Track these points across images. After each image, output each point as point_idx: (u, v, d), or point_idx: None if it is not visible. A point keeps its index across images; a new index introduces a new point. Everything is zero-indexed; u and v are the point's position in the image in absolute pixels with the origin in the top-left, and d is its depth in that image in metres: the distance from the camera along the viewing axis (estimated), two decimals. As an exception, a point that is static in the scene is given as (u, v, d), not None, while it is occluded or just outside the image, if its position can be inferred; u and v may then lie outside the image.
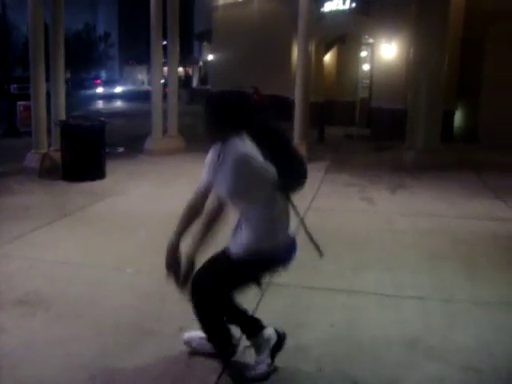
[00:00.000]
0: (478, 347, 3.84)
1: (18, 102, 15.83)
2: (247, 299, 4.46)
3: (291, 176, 3.16)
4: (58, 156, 9.80)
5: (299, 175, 3.22)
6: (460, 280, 5.12)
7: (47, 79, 10.28)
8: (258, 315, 4.26)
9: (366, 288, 4.90)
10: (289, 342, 3.54)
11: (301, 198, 3.42)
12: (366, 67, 18.68)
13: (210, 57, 30.61)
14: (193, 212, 3.32)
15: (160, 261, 3.32)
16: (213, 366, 3.54)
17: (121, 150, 12.98)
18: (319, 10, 17.37)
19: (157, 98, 12.48)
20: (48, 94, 10.33)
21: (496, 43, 13.96)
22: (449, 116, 14.42)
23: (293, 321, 4.17)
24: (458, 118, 15.57)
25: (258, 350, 3.44)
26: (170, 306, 4.44)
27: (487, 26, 14.15)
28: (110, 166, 9.97)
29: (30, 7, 9.84)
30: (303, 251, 3.37)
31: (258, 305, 4.35)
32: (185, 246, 3.27)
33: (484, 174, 10.28)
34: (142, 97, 32.91)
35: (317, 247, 3.32)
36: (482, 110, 14.71)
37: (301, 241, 3.35)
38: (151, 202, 8.22)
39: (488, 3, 14.09)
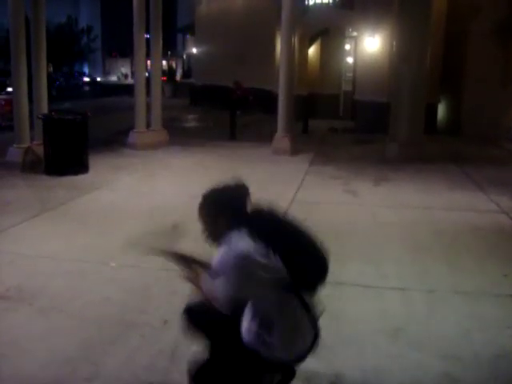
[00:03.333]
0: (458, 336, 3.90)
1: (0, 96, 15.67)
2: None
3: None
4: (40, 150, 9.72)
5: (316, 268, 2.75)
6: (442, 271, 5.18)
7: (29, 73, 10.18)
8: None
9: (350, 279, 4.92)
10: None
11: (285, 191, 3.41)
12: (349, 60, 18.71)
13: (194, 50, 30.47)
14: None
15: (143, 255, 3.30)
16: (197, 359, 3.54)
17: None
18: (303, 2, 17.40)
19: (140, 91, 12.41)
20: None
21: (478, 37, 14.04)
22: (432, 109, 14.49)
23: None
24: (441, 110, 15.67)
25: None
26: (154, 299, 4.45)
27: (470, 21, 14.22)
28: (93, 160, 9.90)
29: (10, 0, 9.72)
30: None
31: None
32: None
33: (466, 166, 10.36)
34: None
35: None
36: (464, 103, 14.81)
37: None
38: (135, 195, 8.19)
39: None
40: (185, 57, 43.72)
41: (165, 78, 32.29)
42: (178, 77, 44.76)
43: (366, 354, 3.66)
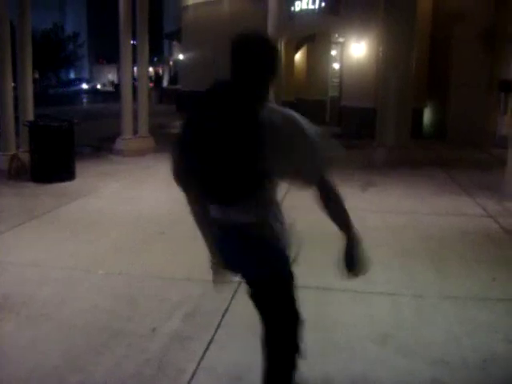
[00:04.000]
0: (447, 340, 3.90)
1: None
2: (221, 297, 4.46)
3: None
4: (26, 157, 9.67)
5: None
6: (430, 276, 5.19)
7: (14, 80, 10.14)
8: (230, 312, 4.28)
9: (338, 285, 4.90)
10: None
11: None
12: (336, 66, 18.79)
13: (180, 56, 30.48)
14: None
15: (131, 262, 3.28)
16: (184, 367, 3.53)
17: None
18: (289, 9, 17.45)
19: (127, 98, 12.39)
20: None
21: (464, 43, 14.16)
22: (418, 113, 14.59)
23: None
24: (428, 115, 15.77)
25: None
26: (141, 307, 4.42)
27: (455, 26, 14.34)
28: (80, 167, 9.86)
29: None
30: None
31: (230, 302, 4.35)
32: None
33: (453, 171, 10.43)
34: None
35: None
36: (450, 108, 14.92)
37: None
38: (122, 202, 8.15)
39: (454, 4, 14.31)
40: (171, 63, 43.71)
41: (151, 84, 32.34)
42: (165, 83, 44.72)
43: (354, 359, 3.66)
